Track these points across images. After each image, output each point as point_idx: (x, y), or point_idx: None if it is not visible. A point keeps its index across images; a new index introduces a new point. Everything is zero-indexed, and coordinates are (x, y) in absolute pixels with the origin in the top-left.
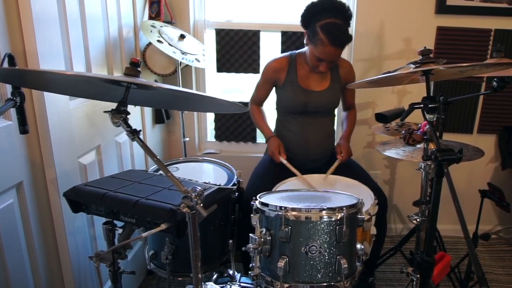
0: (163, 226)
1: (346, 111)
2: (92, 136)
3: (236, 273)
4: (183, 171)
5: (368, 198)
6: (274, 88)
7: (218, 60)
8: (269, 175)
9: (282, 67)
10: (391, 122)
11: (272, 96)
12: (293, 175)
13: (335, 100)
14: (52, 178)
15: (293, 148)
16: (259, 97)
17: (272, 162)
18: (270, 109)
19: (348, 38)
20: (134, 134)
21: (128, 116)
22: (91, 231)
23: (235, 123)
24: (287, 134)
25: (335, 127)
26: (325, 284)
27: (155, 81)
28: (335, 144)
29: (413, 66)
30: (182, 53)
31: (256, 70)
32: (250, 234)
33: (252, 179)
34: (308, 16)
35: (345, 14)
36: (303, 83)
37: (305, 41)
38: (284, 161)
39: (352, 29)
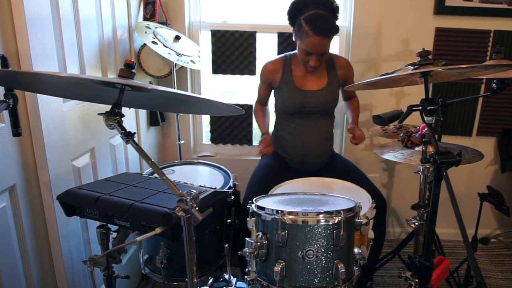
0: (158, 230)
1: (347, 100)
2: (86, 138)
3: (232, 277)
4: (178, 174)
5: (366, 202)
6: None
7: (213, 62)
8: (266, 180)
9: (277, 69)
10: (389, 124)
11: (272, 99)
12: (292, 177)
13: (333, 99)
14: (46, 181)
15: (291, 151)
16: (261, 98)
17: (268, 167)
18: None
19: (333, 28)
20: (128, 136)
21: (122, 119)
22: (85, 235)
23: (231, 125)
24: (285, 137)
25: (334, 130)
26: None
27: (150, 82)
28: (348, 127)
29: (411, 67)
30: (177, 55)
31: (252, 72)
32: (246, 238)
33: (250, 186)
34: (294, 12)
35: (330, 5)
36: (298, 83)
37: (293, 38)
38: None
39: (349, 30)
